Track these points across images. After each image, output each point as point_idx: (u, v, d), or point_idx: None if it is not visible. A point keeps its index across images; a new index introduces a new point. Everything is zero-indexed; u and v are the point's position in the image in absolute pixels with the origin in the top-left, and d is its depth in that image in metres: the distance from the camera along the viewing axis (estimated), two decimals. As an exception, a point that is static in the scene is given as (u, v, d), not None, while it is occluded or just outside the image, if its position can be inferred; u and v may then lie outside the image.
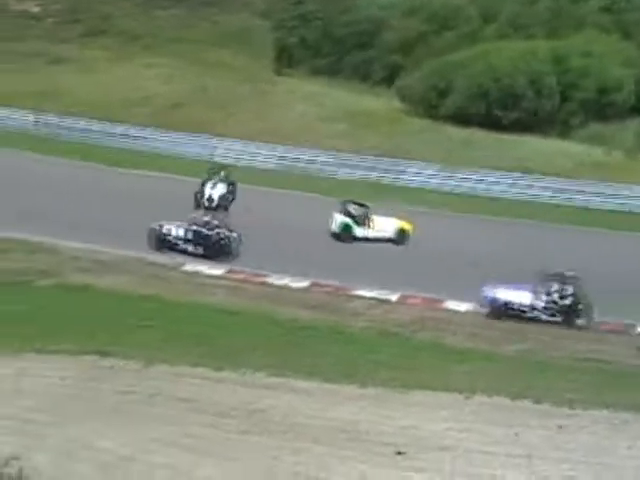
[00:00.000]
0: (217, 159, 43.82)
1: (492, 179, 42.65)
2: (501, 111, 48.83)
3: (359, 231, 35.28)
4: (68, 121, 49.20)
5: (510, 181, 42.47)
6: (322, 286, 29.80)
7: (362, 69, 58.76)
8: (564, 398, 21.57)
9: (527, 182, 42.37)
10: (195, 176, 39.00)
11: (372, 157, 44.71)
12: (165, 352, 22.95)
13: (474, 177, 42.90)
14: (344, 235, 35.10)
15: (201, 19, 69.60)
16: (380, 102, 53.25)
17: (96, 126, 48.43)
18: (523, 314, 28.30)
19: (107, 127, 48.32)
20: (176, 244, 32.48)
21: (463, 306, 28.65)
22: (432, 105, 51.38)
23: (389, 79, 56.70)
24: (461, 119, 49.07)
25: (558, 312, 28.21)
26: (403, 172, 43.97)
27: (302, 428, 19.65)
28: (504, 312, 28.30)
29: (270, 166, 44.55)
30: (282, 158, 45.06)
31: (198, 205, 37.25)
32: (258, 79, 56.56)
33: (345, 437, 19.39)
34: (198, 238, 32.25)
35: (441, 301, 28.96)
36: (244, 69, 58.23)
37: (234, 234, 32.21)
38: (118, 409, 20.11)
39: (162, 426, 19.41)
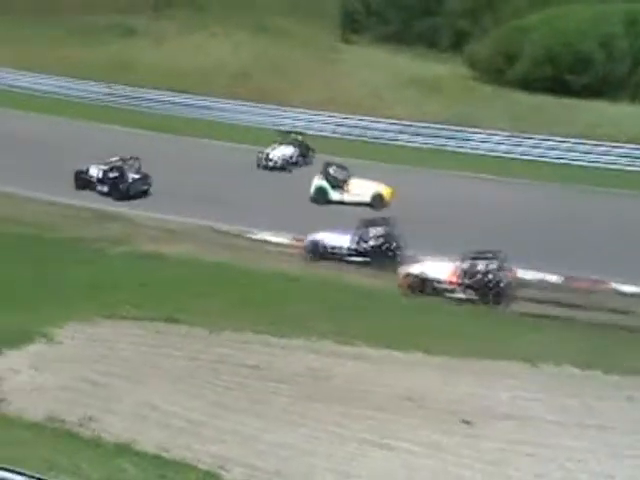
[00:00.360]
0: (283, 127, 43.90)
1: (564, 145, 42.05)
2: (570, 76, 47.77)
3: (334, 195, 35.18)
4: (140, 92, 49.99)
5: (582, 148, 41.79)
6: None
7: (428, 36, 58.03)
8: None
9: (602, 149, 41.72)
10: (260, 144, 39.73)
11: (438, 124, 44.34)
12: (231, 319, 23.08)
13: (544, 143, 42.30)
14: (319, 198, 35.02)
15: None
16: (447, 69, 52.64)
17: (165, 96, 48.91)
18: (337, 256, 29.09)
19: (175, 97, 48.81)
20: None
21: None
22: (500, 71, 50.55)
23: (456, 46, 55.91)
24: (530, 85, 48.23)
25: (368, 253, 28.66)
26: (469, 139, 43.57)
27: (367, 395, 19.58)
28: (322, 254, 29.14)
29: (334, 134, 44.39)
30: (346, 126, 44.89)
31: (258, 165, 38.73)
32: (323, 47, 56.34)
33: (410, 405, 19.28)
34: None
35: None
36: (310, 37, 57.95)
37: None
38: (186, 375, 20.26)
39: (229, 392, 19.54)
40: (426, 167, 39.38)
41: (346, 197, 35.03)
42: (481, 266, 26.75)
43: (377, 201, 34.58)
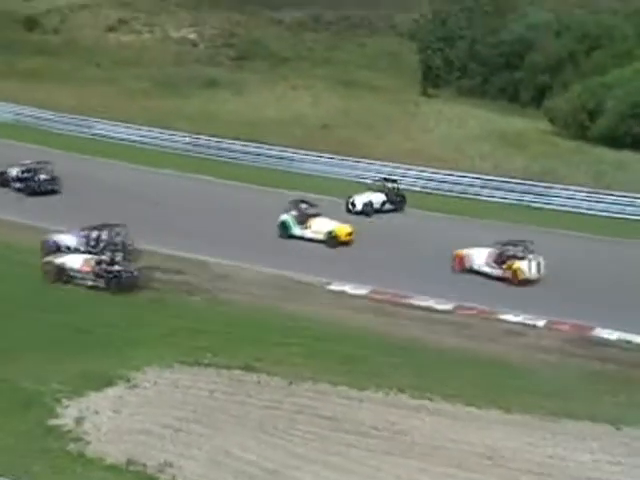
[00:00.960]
0: (364, 180, 44.25)
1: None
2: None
3: (296, 230, 36.28)
4: (220, 142, 50.76)
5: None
6: (466, 309, 29.45)
7: (509, 90, 58.34)
8: None
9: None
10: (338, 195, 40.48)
11: (519, 179, 44.19)
12: (309, 369, 23.13)
13: (625, 200, 41.81)
14: (282, 232, 36.45)
15: (348, 41, 70.64)
16: (528, 123, 52.71)
17: (248, 147, 49.72)
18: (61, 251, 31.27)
19: (258, 148, 49.53)
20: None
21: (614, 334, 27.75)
22: (582, 126, 50.38)
23: (537, 100, 56.11)
24: (613, 141, 47.87)
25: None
26: (550, 195, 43.29)
27: (446, 451, 19.43)
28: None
29: (415, 188, 44.55)
30: (426, 179, 45.11)
31: (348, 210, 39.87)
32: (404, 100, 56.87)
33: (489, 463, 19.09)
34: None
35: (591, 328, 28.09)
36: (390, 90, 58.63)
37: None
38: (263, 423, 20.35)
39: (306, 443, 19.56)
40: (508, 222, 39.16)
41: (307, 233, 36.20)
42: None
43: (331, 239, 35.73)
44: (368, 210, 40.28)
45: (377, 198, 40.86)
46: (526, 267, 31.98)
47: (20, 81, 62.79)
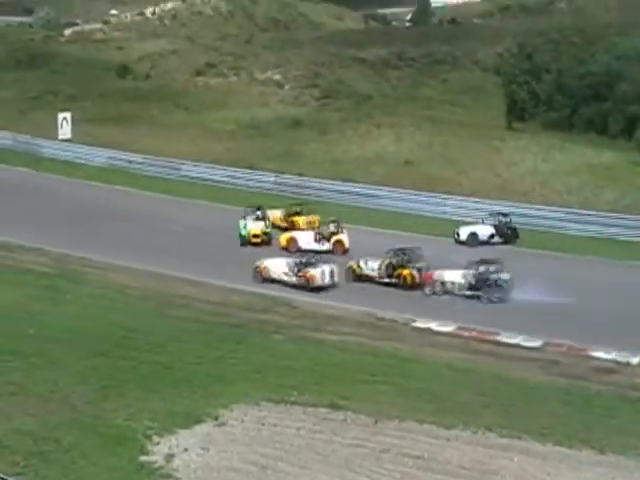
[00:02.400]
0: (448, 216, 44.23)
1: None
2: None
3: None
4: (305, 181, 51.25)
5: None
6: (555, 345, 29.07)
7: (598, 122, 57.33)
8: None
9: None
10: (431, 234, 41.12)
11: (609, 213, 43.55)
12: (395, 407, 23.11)
13: None
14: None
15: (431, 77, 70.84)
16: (617, 156, 51.79)
17: (333, 185, 50.14)
18: None
19: (342, 186, 49.91)
20: None
21: None
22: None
23: (627, 131, 55.03)
24: None
25: None
26: (639, 227, 42.52)
27: (534, 492, 19.28)
28: None
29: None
30: (515, 214, 44.64)
31: (455, 240, 41.21)
32: (488, 135, 56.48)
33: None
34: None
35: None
36: (474, 125, 58.33)
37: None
38: (349, 462, 20.41)
39: (393, 482, 19.62)
40: (600, 256, 38.81)
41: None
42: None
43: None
44: (471, 241, 40.69)
45: (484, 230, 41.21)
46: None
47: (113, 126, 64.71)
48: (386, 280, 35.03)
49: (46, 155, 62.62)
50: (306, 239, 39.84)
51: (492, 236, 41.24)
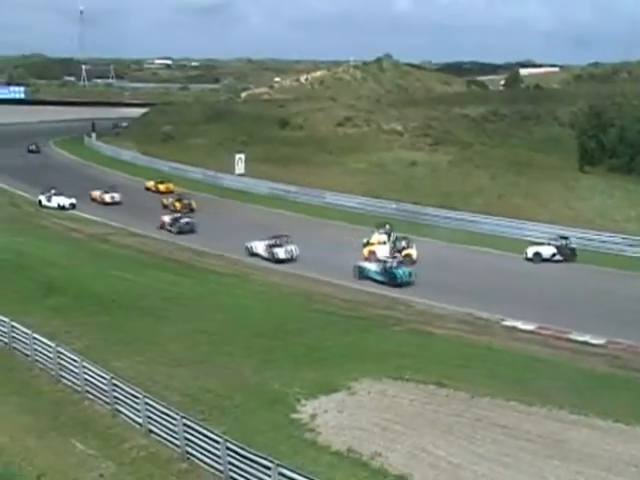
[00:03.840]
0: (531, 238, 43.15)
1: None
2: None
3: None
4: (420, 209, 50.95)
5: None
6: (617, 343, 27.87)
7: (652, 167, 55.04)
8: None
9: None
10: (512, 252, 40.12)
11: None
12: (488, 387, 22.59)
13: None
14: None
15: (519, 130, 69.49)
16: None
17: (441, 212, 49.68)
18: None
19: (448, 213, 49.43)
20: None
21: None
22: None
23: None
24: None
25: None
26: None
27: (597, 459, 18.46)
28: None
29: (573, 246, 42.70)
30: (582, 239, 43.25)
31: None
32: (565, 176, 55.01)
33: (635, 470, 17.98)
34: None
35: None
36: (553, 168, 56.93)
37: None
38: (450, 428, 20.11)
39: (484, 445, 19.16)
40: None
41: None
42: None
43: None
44: (535, 259, 39.64)
45: (547, 250, 40.01)
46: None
47: (274, 165, 66.30)
48: None
49: (226, 185, 64.67)
50: (383, 252, 38.93)
51: (554, 255, 39.84)
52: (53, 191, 55.29)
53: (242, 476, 17.42)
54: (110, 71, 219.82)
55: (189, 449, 18.83)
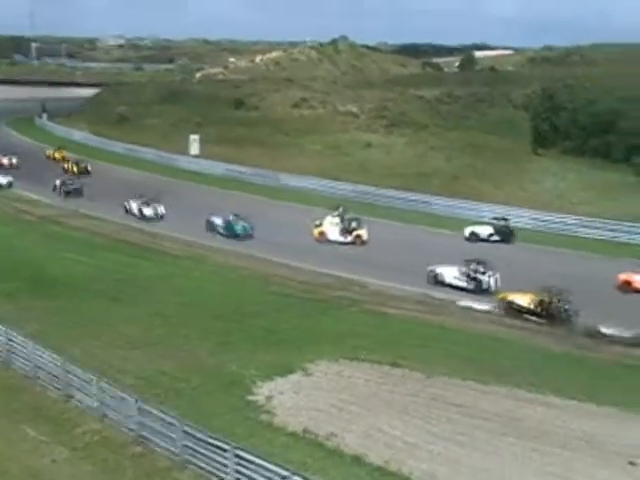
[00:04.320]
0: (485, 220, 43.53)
1: None
2: None
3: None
4: (376, 190, 50.99)
5: None
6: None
7: (603, 150, 55.86)
8: None
9: None
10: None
11: (611, 220, 42.25)
12: (443, 367, 22.81)
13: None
14: None
15: (473, 112, 69.85)
16: (618, 177, 50.33)
17: (396, 194, 49.79)
18: None
19: (403, 194, 49.49)
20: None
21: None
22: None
23: (626, 158, 53.48)
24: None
25: None
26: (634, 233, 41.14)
27: (551, 435, 18.82)
28: None
29: (527, 226, 43.35)
30: (536, 220, 43.79)
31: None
32: (518, 158, 55.65)
33: (586, 445, 18.38)
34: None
35: None
36: (507, 150, 57.50)
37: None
38: (406, 407, 20.25)
39: (440, 424, 19.36)
40: (604, 255, 37.52)
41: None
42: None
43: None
44: (472, 238, 40.10)
45: (484, 230, 40.37)
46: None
47: (229, 146, 65.58)
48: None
49: (180, 166, 63.83)
50: (333, 233, 39.41)
51: (491, 235, 40.22)
52: None
53: (198, 459, 17.27)
54: (61, 50, 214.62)
55: (144, 433, 18.58)
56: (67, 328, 25.99)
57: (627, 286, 31.84)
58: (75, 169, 59.01)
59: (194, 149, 65.31)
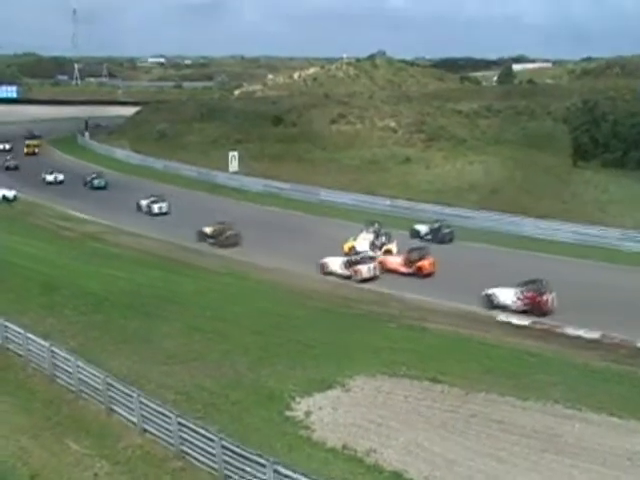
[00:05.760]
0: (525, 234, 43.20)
1: None
2: None
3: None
4: (414, 205, 50.91)
5: None
6: (611, 338, 27.72)
7: (643, 162, 55.03)
8: None
9: None
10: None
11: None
12: (482, 383, 22.66)
13: None
14: None
15: (512, 125, 69.26)
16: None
17: (435, 208, 49.58)
18: None
19: (442, 209, 49.26)
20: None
21: None
22: None
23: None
24: None
25: None
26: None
27: (592, 452, 18.55)
28: None
29: (566, 239, 42.73)
30: (574, 232, 43.16)
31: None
32: (558, 171, 55.05)
33: (628, 464, 18.06)
34: None
35: None
36: (546, 164, 56.89)
37: None
38: (445, 423, 20.18)
39: (479, 440, 19.25)
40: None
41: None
42: None
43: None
44: (413, 234, 43.67)
45: (423, 229, 43.70)
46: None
47: (268, 162, 66.30)
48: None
49: (220, 183, 64.59)
50: (363, 246, 39.53)
51: (427, 234, 43.24)
52: None
53: (237, 474, 17.41)
54: (103, 70, 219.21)
55: (184, 447, 18.80)
56: (107, 343, 26.45)
57: None
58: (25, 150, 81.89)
59: (233, 166, 66.01)
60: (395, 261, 36.72)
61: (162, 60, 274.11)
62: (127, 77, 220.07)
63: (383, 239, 40.31)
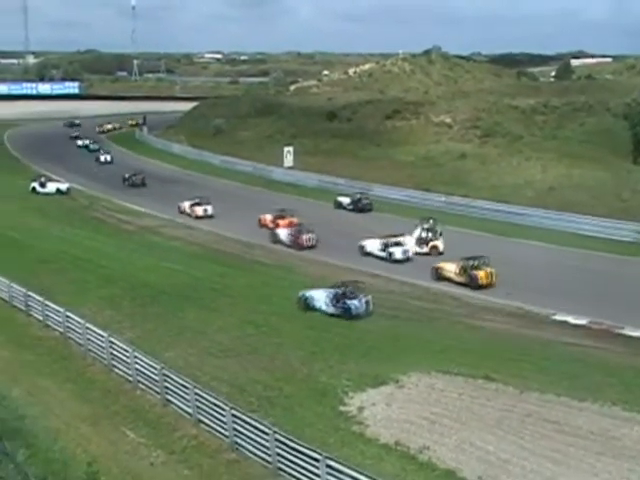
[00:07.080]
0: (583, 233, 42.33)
1: None
2: None
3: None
4: (469, 202, 50.35)
5: None
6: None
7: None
8: None
9: None
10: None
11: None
12: (537, 382, 22.22)
13: None
14: None
15: (570, 121, 67.78)
16: None
17: (490, 205, 48.96)
18: None
19: (498, 206, 48.59)
20: None
21: None
22: None
23: None
24: None
25: None
26: None
27: (652, 457, 18.08)
28: None
29: (625, 239, 41.56)
30: (634, 231, 41.94)
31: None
32: (617, 168, 53.66)
33: (689, 469, 17.55)
34: None
35: None
36: (605, 160, 55.55)
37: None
38: (499, 422, 19.85)
39: (534, 440, 18.86)
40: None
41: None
42: None
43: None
44: (336, 205, 51.79)
45: (345, 200, 51.17)
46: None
47: (322, 157, 66.33)
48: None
49: (275, 178, 64.93)
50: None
51: (349, 204, 50.70)
52: (42, 178, 59.85)
53: (290, 467, 17.50)
54: (161, 65, 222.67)
55: (238, 440, 18.97)
56: (163, 335, 26.86)
57: None
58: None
59: (288, 161, 66.32)
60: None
61: (219, 56, 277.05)
62: (184, 73, 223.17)
63: (430, 235, 39.62)
